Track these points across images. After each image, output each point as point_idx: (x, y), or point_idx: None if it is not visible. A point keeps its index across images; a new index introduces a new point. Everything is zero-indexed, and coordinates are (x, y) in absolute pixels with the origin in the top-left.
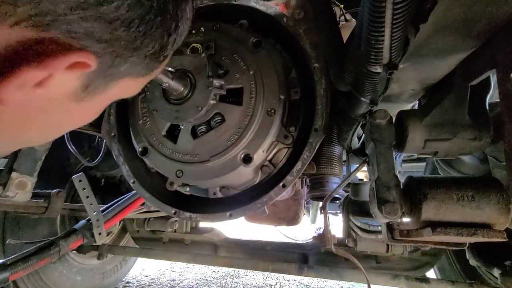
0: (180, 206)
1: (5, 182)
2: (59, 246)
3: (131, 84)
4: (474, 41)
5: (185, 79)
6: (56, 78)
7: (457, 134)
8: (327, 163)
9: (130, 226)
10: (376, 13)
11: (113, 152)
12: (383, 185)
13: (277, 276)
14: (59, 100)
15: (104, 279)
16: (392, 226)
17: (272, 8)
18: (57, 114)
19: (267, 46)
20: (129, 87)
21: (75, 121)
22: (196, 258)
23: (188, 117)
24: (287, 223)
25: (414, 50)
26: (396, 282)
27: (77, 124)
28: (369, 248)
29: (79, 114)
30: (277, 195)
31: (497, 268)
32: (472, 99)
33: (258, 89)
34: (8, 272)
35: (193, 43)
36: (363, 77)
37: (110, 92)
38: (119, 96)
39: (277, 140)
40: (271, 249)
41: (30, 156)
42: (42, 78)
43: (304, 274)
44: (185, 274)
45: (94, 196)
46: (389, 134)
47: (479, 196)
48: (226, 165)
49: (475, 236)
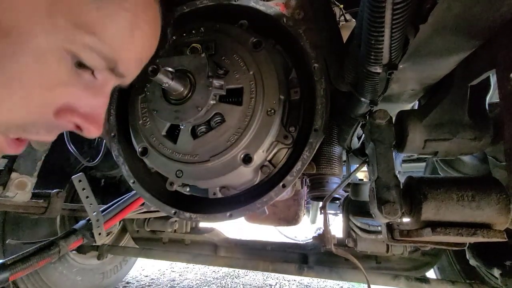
0: (180, 206)
1: (5, 182)
2: (59, 246)
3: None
4: (474, 41)
5: (185, 79)
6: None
7: (457, 134)
8: (327, 163)
9: (130, 226)
10: (375, 13)
11: (113, 152)
12: (383, 185)
13: (277, 276)
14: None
15: (104, 279)
16: (392, 226)
17: (272, 8)
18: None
19: (267, 46)
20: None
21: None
22: (196, 258)
23: (188, 117)
24: (287, 223)
25: (414, 50)
26: (396, 282)
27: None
28: (369, 248)
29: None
30: (277, 195)
31: (497, 268)
32: (472, 99)
33: (258, 89)
34: (8, 272)
35: (193, 43)
36: (363, 77)
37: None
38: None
39: (277, 140)
40: (271, 249)
41: (30, 156)
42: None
43: (304, 274)
44: (185, 274)
45: (94, 196)
46: (389, 134)
47: (479, 196)
48: (226, 165)
49: (475, 236)
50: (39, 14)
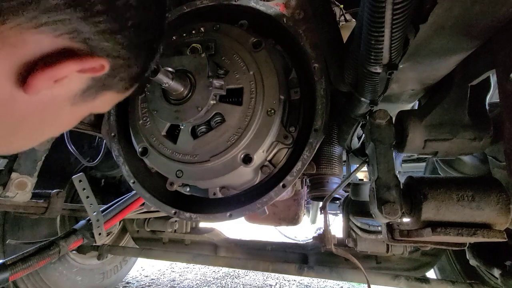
0: (180, 206)
1: (5, 182)
2: (59, 247)
3: (111, 99)
4: (474, 41)
5: (185, 79)
6: (69, 78)
7: (457, 134)
8: (327, 163)
9: (130, 226)
10: (376, 13)
11: (113, 153)
12: (383, 185)
13: (277, 276)
14: (60, 100)
15: (104, 279)
16: (392, 226)
17: (272, 8)
18: (51, 114)
19: (267, 46)
20: (108, 101)
21: (60, 125)
22: (196, 259)
23: (188, 117)
24: (287, 223)
25: (414, 50)
26: (396, 282)
27: (60, 129)
28: (369, 248)
29: (66, 118)
30: (277, 195)
31: (497, 268)
32: (472, 99)
33: (258, 89)
34: (8, 273)
35: (193, 43)
36: (363, 77)
37: (95, 102)
38: (96, 109)
39: (277, 140)
40: (271, 249)
41: (30, 157)
42: (63, 76)
43: (304, 274)
44: (185, 274)
45: (94, 196)
46: (389, 134)
47: (479, 196)
48: (226, 165)
49: (475, 236)
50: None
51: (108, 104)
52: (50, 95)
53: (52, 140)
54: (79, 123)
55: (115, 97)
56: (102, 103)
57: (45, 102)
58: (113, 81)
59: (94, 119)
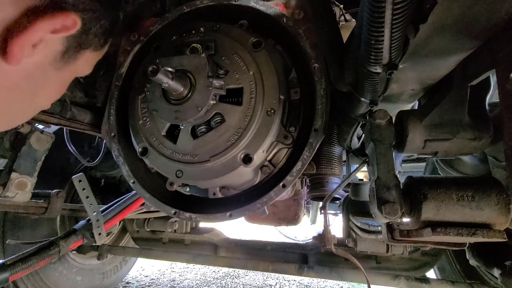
0: (180, 206)
1: (5, 182)
2: (59, 247)
3: (90, 58)
4: (474, 41)
5: (185, 79)
6: (46, 41)
7: (457, 134)
8: (327, 163)
9: (130, 226)
10: (375, 13)
11: (113, 153)
12: (383, 185)
13: (277, 276)
14: (43, 67)
15: (104, 279)
16: (392, 226)
17: (272, 8)
18: (38, 82)
19: (267, 46)
20: (89, 60)
21: (49, 93)
22: (196, 259)
23: (188, 117)
24: (287, 223)
25: (414, 50)
26: (396, 282)
27: (50, 97)
28: (369, 248)
29: (53, 85)
30: (277, 195)
31: (497, 268)
32: (472, 99)
33: (258, 89)
34: (8, 273)
35: (193, 43)
36: (363, 77)
37: (77, 64)
38: (79, 72)
39: (277, 140)
40: (271, 249)
41: (30, 157)
42: (39, 39)
43: (304, 274)
44: (185, 275)
45: (94, 197)
46: (389, 134)
47: (479, 196)
48: (226, 165)
49: (475, 236)
50: None
51: (89, 64)
52: (32, 63)
53: (52, 140)
54: (79, 123)
55: (94, 55)
56: (83, 64)
57: (30, 71)
58: (88, 39)
59: (94, 119)
